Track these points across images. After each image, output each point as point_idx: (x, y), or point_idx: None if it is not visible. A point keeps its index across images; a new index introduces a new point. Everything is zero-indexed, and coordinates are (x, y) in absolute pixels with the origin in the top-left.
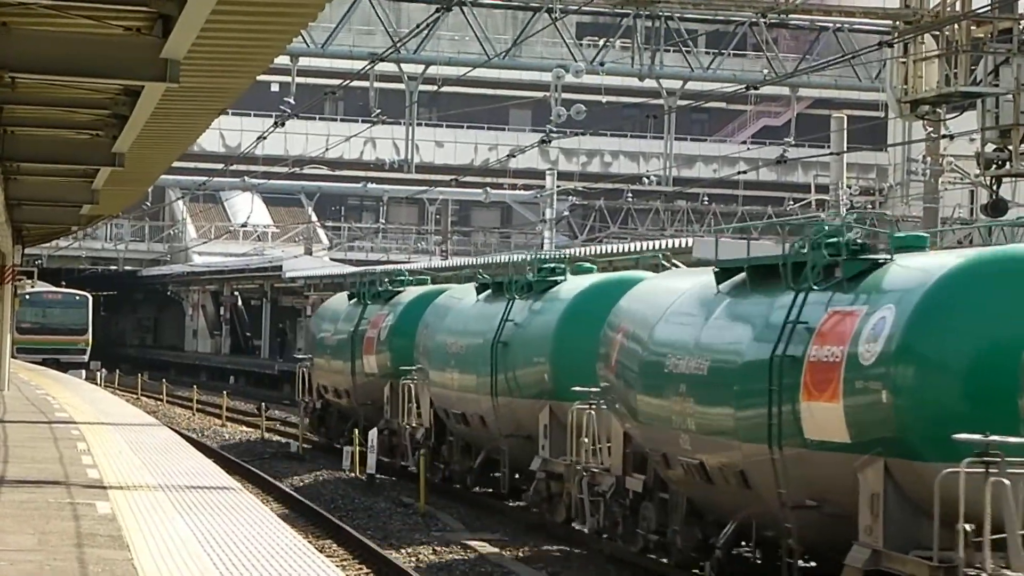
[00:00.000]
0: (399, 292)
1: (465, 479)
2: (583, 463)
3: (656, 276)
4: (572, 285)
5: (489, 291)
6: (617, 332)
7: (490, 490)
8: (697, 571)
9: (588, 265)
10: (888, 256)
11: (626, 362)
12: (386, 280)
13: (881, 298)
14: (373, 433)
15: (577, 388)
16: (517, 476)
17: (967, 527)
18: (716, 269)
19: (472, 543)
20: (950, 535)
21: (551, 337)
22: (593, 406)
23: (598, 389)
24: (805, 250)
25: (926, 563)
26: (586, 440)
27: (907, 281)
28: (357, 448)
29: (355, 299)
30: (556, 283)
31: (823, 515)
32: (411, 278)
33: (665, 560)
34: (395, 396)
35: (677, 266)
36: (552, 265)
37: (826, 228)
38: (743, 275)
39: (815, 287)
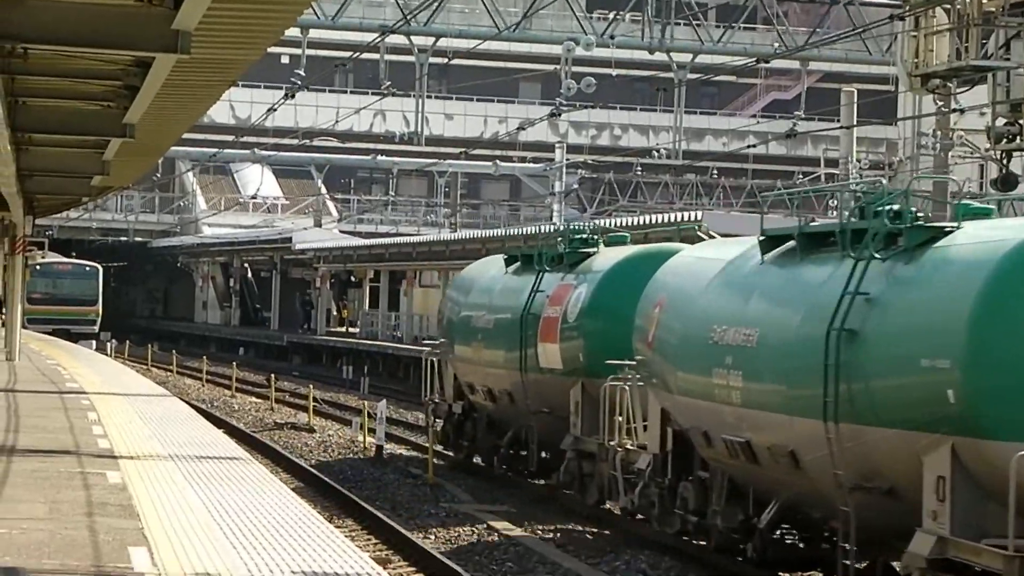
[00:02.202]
0: (590, 255)
1: (734, 542)
2: None
3: None
4: (988, 235)
5: (791, 246)
6: None
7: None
8: None
9: (981, 205)
10: None
11: None
12: (567, 239)
13: None
14: (382, 404)
15: None
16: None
17: None
18: None
19: (480, 515)
20: None
21: (964, 324)
22: None
23: None
24: None
25: None
26: None
27: None
28: (365, 419)
29: (519, 264)
30: (943, 232)
31: None
32: (599, 237)
33: None
34: (590, 403)
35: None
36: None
37: None
38: None
39: None
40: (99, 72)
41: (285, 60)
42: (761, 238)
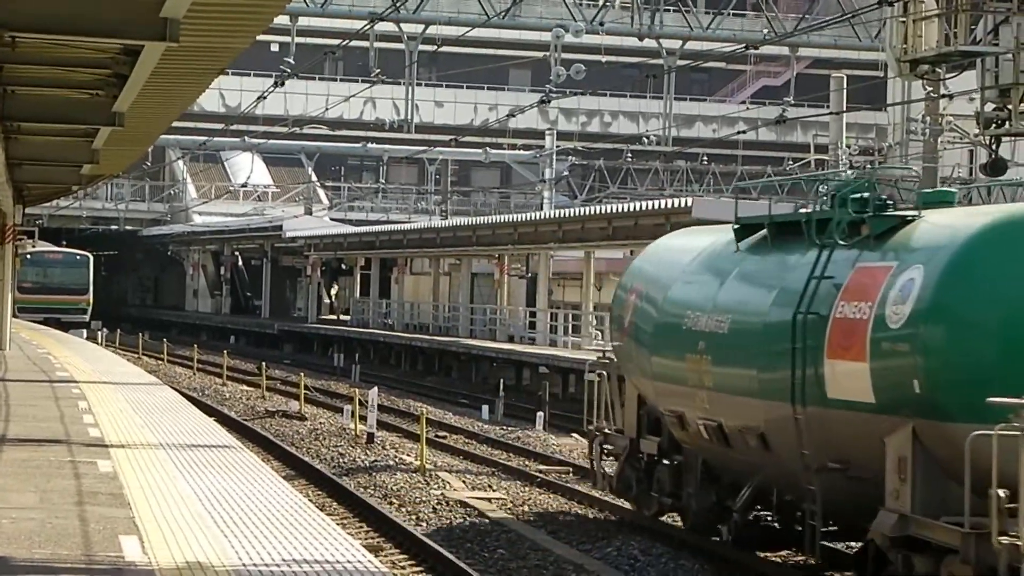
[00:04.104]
0: (908, 220)
1: None
2: None
3: None
4: None
5: None
6: None
7: None
8: None
9: None
10: None
11: None
12: (840, 200)
13: None
14: (373, 392)
15: None
16: None
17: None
18: None
19: (472, 502)
20: None
21: None
22: None
23: None
24: None
25: None
26: None
27: None
28: (357, 407)
29: (765, 237)
30: None
31: None
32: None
33: None
34: (927, 461)
35: None
36: None
37: None
38: None
39: None
40: (88, 60)
41: (275, 48)
42: None
